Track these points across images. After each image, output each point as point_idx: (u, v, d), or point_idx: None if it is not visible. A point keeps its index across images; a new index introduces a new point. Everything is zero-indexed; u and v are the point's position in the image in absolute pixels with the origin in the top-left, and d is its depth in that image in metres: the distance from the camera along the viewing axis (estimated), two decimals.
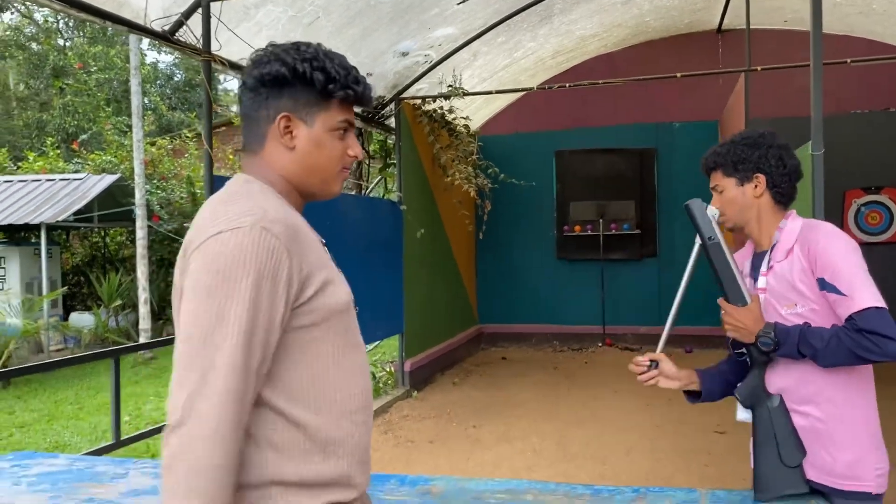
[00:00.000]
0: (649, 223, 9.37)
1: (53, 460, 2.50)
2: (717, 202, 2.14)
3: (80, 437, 6.62)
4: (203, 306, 1.19)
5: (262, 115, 1.38)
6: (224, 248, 1.20)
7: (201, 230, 1.26)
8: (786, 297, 1.98)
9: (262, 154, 1.39)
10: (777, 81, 7.83)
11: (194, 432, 1.14)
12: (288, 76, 1.35)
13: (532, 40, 7.93)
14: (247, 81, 1.38)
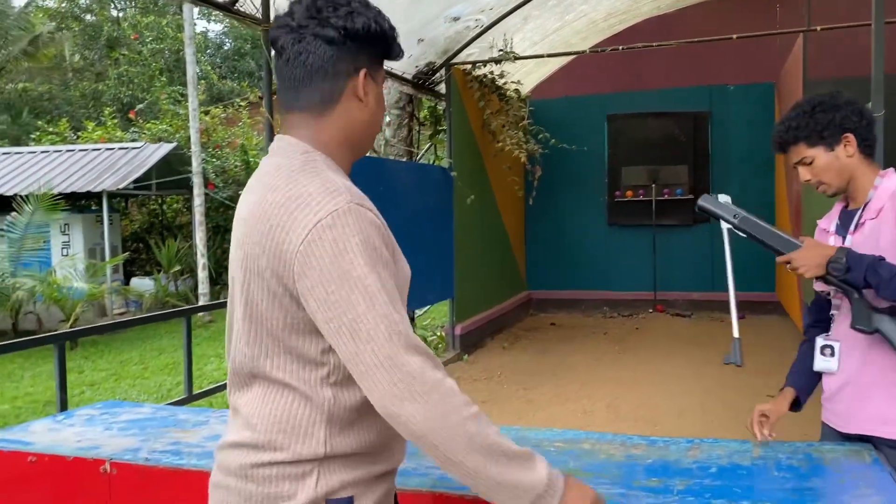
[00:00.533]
0: (703, 188, 9.27)
1: (139, 409, 2.68)
2: (807, 174, 2.11)
3: (146, 394, 6.93)
4: (350, 293, 1.17)
5: (341, 70, 1.30)
6: (335, 233, 1.19)
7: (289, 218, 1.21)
8: (875, 252, 1.99)
9: (333, 113, 1.32)
10: (837, 41, 7.61)
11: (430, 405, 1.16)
12: (377, 31, 1.30)
13: (584, 3, 7.84)
14: (326, 33, 1.27)
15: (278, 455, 1.26)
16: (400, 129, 7.65)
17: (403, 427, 1.17)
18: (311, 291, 1.20)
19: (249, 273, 1.27)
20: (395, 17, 4.43)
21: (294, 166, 1.27)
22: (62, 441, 2.30)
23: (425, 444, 1.18)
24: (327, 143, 1.33)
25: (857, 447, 2.03)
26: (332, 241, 1.18)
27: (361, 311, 1.17)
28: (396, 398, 1.16)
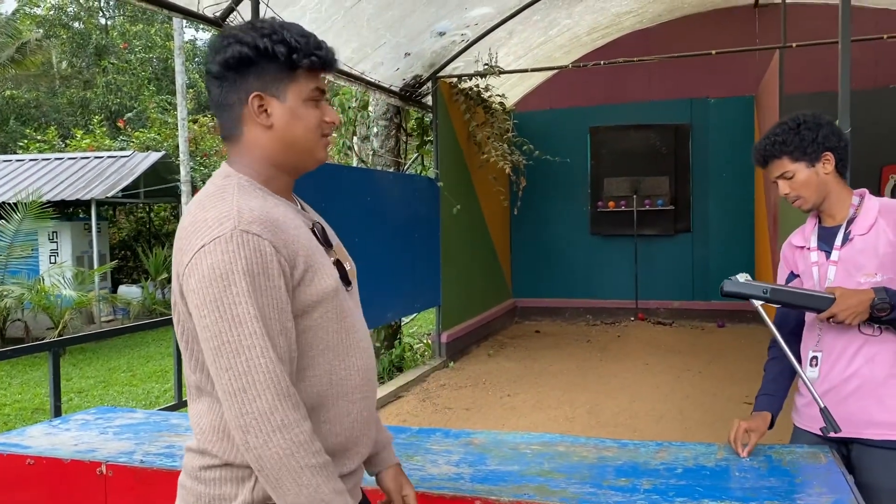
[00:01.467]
0: (683, 199, 9.45)
1: (133, 414, 2.78)
2: (787, 188, 2.21)
3: (134, 401, 6.99)
4: (218, 319, 1.22)
5: (233, 100, 1.36)
6: (213, 259, 1.23)
7: (186, 242, 1.29)
8: (866, 266, 2.13)
9: (242, 140, 1.38)
10: (814, 57, 7.81)
11: (260, 427, 1.22)
12: (251, 55, 1.33)
13: (567, 18, 8.01)
14: (211, 69, 1.36)
15: (216, 460, 1.34)
16: (387, 140, 7.77)
17: (246, 454, 1.25)
18: (192, 313, 1.27)
19: (174, 296, 1.35)
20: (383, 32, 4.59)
21: (209, 191, 1.35)
22: (59, 444, 2.39)
23: (261, 477, 1.26)
24: (249, 165, 1.38)
25: (814, 449, 2.16)
26: (208, 266, 1.23)
27: (225, 340, 1.22)
28: (241, 429, 1.23)
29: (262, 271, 1.24)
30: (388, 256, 6.41)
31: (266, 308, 1.24)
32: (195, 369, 1.36)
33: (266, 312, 1.24)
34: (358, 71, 6.27)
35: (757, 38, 8.99)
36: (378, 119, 7.76)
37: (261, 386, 1.22)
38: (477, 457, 2.18)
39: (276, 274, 1.26)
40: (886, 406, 2.11)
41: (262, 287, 1.24)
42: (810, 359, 2.25)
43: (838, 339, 2.18)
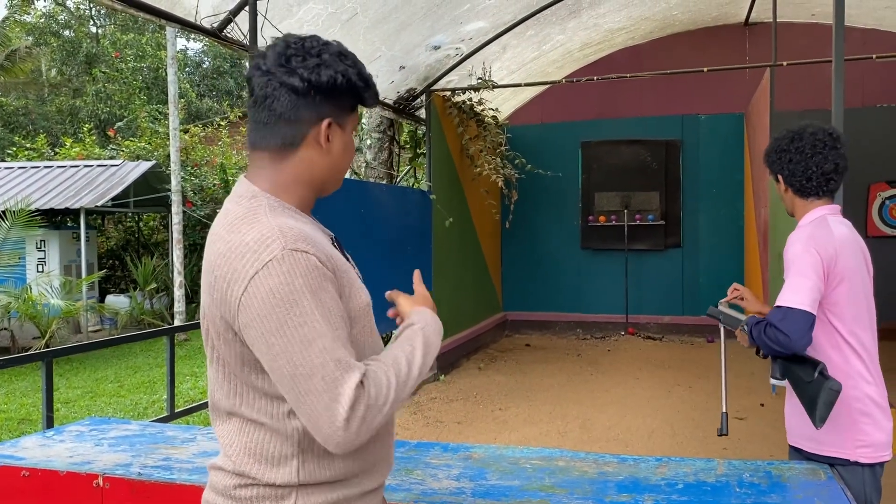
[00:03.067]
0: (674, 214, 9.50)
1: (127, 426, 2.76)
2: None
3: (122, 413, 6.92)
4: (288, 343, 1.22)
5: (304, 118, 1.35)
6: (271, 283, 1.22)
7: (231, 270, 1.27)
8: None
9: (294, 157, 1.38)
10: (803, 75, 7.91)
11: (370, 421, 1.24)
12: (343, 85, 1.34)
13: (560, 33, 8.07)
14: (292, 82, 1.32)
15: (254, 481, 1.34)
16: (381, 152, 7.78)
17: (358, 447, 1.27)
18: (255, 342, 1.26)
19: (208, 320, 1.35)
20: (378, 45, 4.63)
21: (238, 213, 1.33)
22: (54, 456, 2.37)
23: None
24: (285, 184, 1.38)
25: (813, 466, 2.18)
26: (268, 291, 1.23)
27: (299, 362, 1.22)
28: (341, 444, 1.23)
29: (320, 286, 1.25)
30: (380, 268, 6.39)
31: (331, 318, 1.25)
32: (229, 395, 1.36)
33: (332, 322, 1.25)
34: None
35: (747, 55, 9.09)
36: (371, 131, 7.78)
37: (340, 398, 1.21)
38: (477, 471, 2.18)
39: (332, 286, 1.28)
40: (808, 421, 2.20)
41: (324, 300, 1.25)
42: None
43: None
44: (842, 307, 2.16)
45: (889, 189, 8.77)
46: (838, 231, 2.20)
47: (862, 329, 2.19)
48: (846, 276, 2.15)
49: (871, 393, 2.18)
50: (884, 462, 2.18)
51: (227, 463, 1.37)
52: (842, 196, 4.17)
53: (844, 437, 2.16)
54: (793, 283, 2.10)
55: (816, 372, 2.08)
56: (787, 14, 8.18)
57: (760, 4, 8.20)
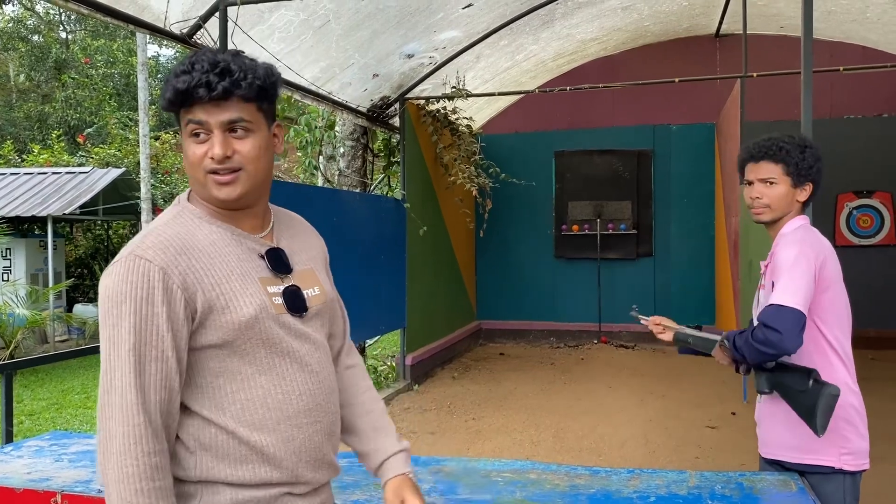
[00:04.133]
0: (645, 223, 9.56)
1: (89, 440, 2.68)
2: (761, 193, 2.26)
3: (89, 425, 6.78)
4: (104, 335, 1.32)
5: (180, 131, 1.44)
6: (108, 281, 1.32)
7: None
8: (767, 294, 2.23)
9: None
10: (773, 86, 8.02)
11: (106, 447, 1.27)
12: (179, 94, 1.34)
13: (534, 43, 8.10)
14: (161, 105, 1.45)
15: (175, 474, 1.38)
16: (354, 160, 7.73)
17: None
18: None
19: None
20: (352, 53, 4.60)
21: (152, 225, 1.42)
22: (11, 473, 2.29)
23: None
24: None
25: (784, 476, 2.18)
26: (104, 287, 1.33)
27: (105, 357, 1.31)
28: (98, 444, 1.30)
29: (145, 296, 1.29)
30: (354, 278, 6.35)
31: (144, 334, 1.29)
32: None
33: (143, 338, 1.29)
34: (325, 91, 6.25)
35: (718, 67, 9.20)
36: (345, 139, 7.73)
37: (115, 408, 1.27)
38: (448, 485, 2.15)
39: (161, 300, 1.29)
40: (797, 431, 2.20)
41: (143, 312, 1.29)
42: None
43: None
44: (828, 313, 2.17)
45: (856, 199, 8.91)
46: (823, 237, 2.25)
47: (844, 337, 2.21)
48: (832, 282, 2.17)
49: (854, 401, 2.20)
50: (864, 470, 2.20)
51: None
52: (811, 206, 4.22)
53: (829, 446, 2.16)
54: (786, 283, 2.09)
55: (811, 380, 2.07)
56: (757, 26, 8.29)
57: (731, 17, 8.31)
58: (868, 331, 8.65)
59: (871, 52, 8.62)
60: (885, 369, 7.77)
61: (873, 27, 7.99)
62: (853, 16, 7.77)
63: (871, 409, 5.65)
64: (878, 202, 8.86)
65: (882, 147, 8.80)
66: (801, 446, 2.18)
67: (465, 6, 6.25)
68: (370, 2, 5.40)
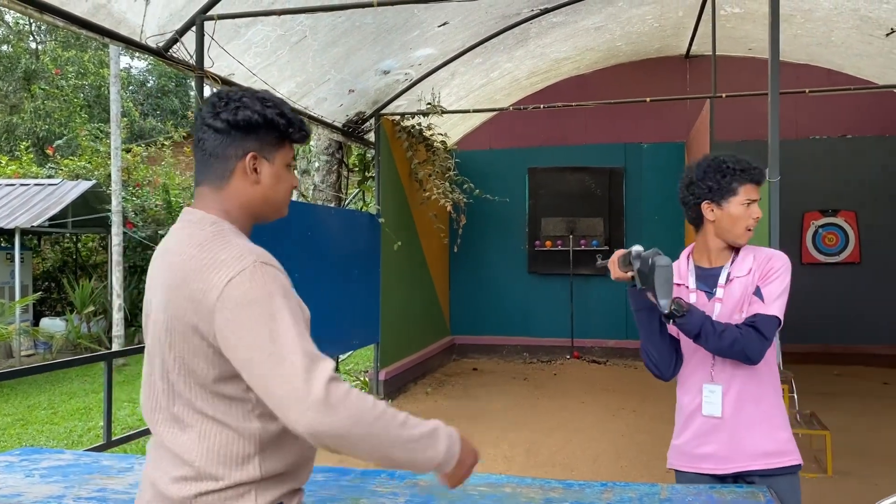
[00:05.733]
0: (617, 240, 9.68)
1: (60, 455, 2.65)
2: (758, 212, 2.31)
3: (55, 441, 6.66)
4: (258, 337, 1.37)
5: (230, 154, 1.55)
6: (246, 286, 1.40)
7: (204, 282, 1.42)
8: (741, 305, 2.28)
9: (227, 188, 1.56)
10: (741, 106, 8.20)
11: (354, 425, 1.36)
12: (260, 122, 1.54)
13: (508, 61, 8.20)
14: (215, 124, 1.54)
15: (220, 483, 1.47)
16: (329, 174, 7.75)
17: (327, 440, 1.35)
18: (230, 341, 1.40)
19: (174, 334, 1.48)
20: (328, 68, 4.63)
21: (206, 237, 1.50)
22: None
23: (346, 448, 1.37)
24: (228, 211, 1.57)
25: (752, 489, 2.22)
26: (241, 294, 1.40)
27: (271, 351, 1.37)
28: (315, 421, 1.33)
29: (286, 292, 1.45)
30: (328, 292, 6.34)
31: (298, 318, 1.43)
32: (175, 402, 1.50)
33: (298, 321, 1.43)
34: (301, 106, 6.26)
35: (688, 87, 9.39)
36: (320, 153, 7.74)
37: (314, 380, 1.35)
38: (423, 499, 2.16)
39: (293, 294, 1.48)
40: (774, 437, 2.26)
41: (292, 306, 1.43)
42: (708, 393, 2.32)
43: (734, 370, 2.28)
44: None
45: (822, 217, 9.11)
46: None
47: None
48: None
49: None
50: None
51: (188, 471, 1.47)
52: (778, 224, 4.33)
53: (794, 445, 2.28)
54: (782, 296, 2.21)
55: (650, 259, 2.16)
56: (726, 48, 8.49)
57: (700, 38, 8.49)
58: (833, 346, 8.84)
59: (836, 75, 8.86)
60: (850, 384, 7.92)
61: (837, 51, 8.22)
62: (818, 39, 7.99)
63: (837, 425, 5.79)
64: (842, 221, 9.07)
65: (846, 167, 9.03)
66: (778, 451, 2.25)
67: (441, 24, 6.32)
68: (347, 18, 5.44)
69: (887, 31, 7.04)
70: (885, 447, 5.65)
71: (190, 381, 1.48)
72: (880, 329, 8.86)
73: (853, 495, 4.62)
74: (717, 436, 2.30)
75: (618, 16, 7.73)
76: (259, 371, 1.37)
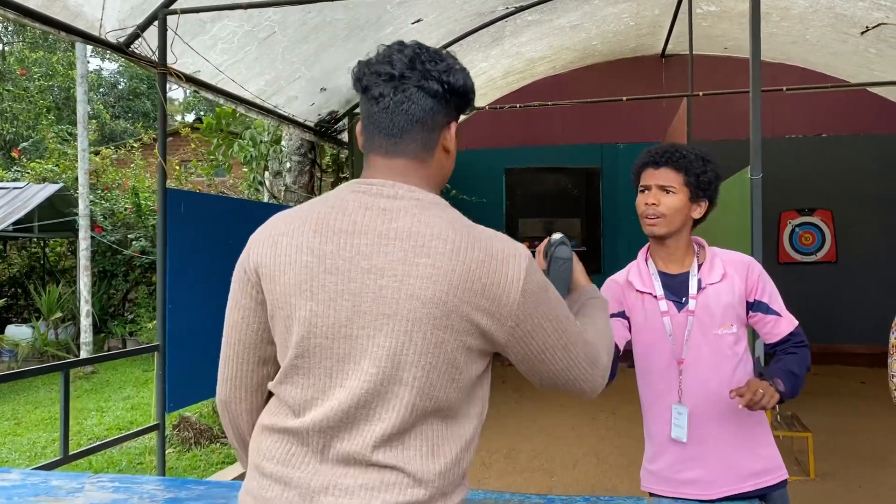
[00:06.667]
0: (594, 240, 9.61)
1: (5, 475, 2.47)
2: (658, 200, 2.10)
3: (18, 453, 6.43)
4: (557, 323, 1.36)
5: (438, 122, 1.35)
6: (537, 280, 1.33)
7: (499, 272, 1.28)
8: (723, 317, 2.10)
9: (431, 161, 1.37)
10: (718, 105, 8.15)
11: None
12: (468, 90, 1.38)
13: (483, 60, 8.08)
14: (430, 86, 1.32)
15: (447, 501, 1.29)
16: (301, 175, 7.56)
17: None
18: (532, 333, 1.32)
19: (443, 330, 1.25)
20: (298, 66, 4.43)
21: (452, 217, 1.31)
22: None
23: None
24: (432, 189, 1.37)
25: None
26: (537, 286, 1.32)
27: (568, 336, 1.38)
28: (600, 385, 1.48)
29: None
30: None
31: None
32: (445, 405, 1.31)
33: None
34: (271, 104, 6.09)
35: (663, 86, 9.33)
36: (291, 154, 7.56)
37: (597, 354, 1.45)
38: None
39: None
40: (761, 454, 2.13)
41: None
42: (675, 415, 2.13)
43: (706, 395, 2.10)
44: None
45: (798, 217, 9.11)
46: None
47: None
48: None
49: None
50: None
51: (422, 493, 1.26)
52: (761, 223, 4.24)
53: (780, 457, 2.17)
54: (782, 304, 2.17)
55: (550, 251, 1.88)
56: (702, 47, 8.43)
57: (676, 37, 8.44)
58: (811, 346, 8.82)
59: (811, 74, 8.85)
60: (829, 385, 7.90)
61: (812, 49, 8.20)
62: (793, 38, 7.97)
63: (818, 426, 5.73)
64: (819, 220, 9.07)
65: (822, 166, 9.03)
66: (765, 469, 2.12)
67: (415, 21, 6.18)
68: (317, 14, 5.28)
69: (862, 28, 7.03)
70: (866, 447, 5.61)
71: (446, 387, 1.30)
72: (857, 328, 8.86)
73: (837, 498, 4.56)
74: (702, 461, 2.11)
75: (593, 14, 7.64)
76: (559, 356, 1.40)
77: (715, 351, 2.10)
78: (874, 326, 8.87)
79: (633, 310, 2.20)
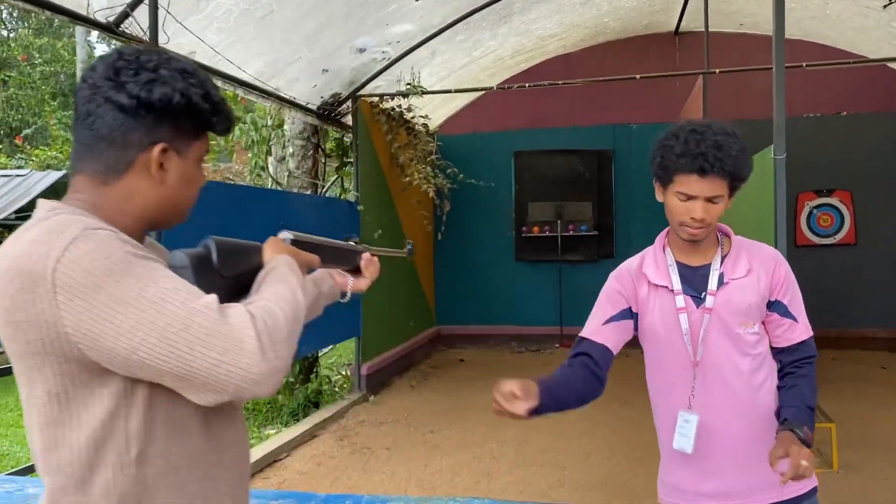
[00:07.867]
0: (606, 224, 9.39)
1: None
2: (707, 214, 1.82)
3: (20, 445, 6.33)
4: (138, 311, 1.07)
5: (132, 141, 1.17)
6: (83, 264, 1.07)
7: (22, 274, 1.07)
8: (746, 316, 1.90)
9: (118, 184, 1.18)
10: (734, 84, 7.89)
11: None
12: (181, 104, 1.17)
13: (491, 39, 7.86)
14: (118, 99, 1.15)
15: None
16: (304, 160, 7.38)
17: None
18: (94, 333, 1.10)
19: (20, 358, 1.16)
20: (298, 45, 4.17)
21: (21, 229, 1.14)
22: None
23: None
24: (109, 215, 1.17)
25: None
26: (83, 273, 1.08)
27: (163, 324, 1.11)
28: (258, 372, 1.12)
29: (143, 255, 1.17)
30: None
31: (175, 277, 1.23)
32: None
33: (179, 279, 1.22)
34: (272, 87, 5.90)
35: (677, 65, 9.06)
36: (294, 139, 7.38)
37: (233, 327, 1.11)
38: None
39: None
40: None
41: (157, 265, 1.18)
42: (681, 423, 1.94)
43: (719, 394, 1.91)
44: None
45: (816, 198, 8.85)
46: None
47: None
48: None
49: None
50: None
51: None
52: (785, 205, 4.03)
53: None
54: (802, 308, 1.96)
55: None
56: (717, 24, 8.16)
57: (690, 14, 8.17)
58: (829, 331, 8.59)
59: (829, 50, 8.55)
60: (846, 370, 7.70)
61: (833, 24, 7.92)
62: (813, 12, 7.69)
63: (836, 413, 5.50)
64: (837, 201, 8.81)
65: (841, 145, 8.75)
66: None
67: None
68: None
69: (885, 2, 6.75)
70: (888, 437, 5.41)
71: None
72: (876, 312, 8.63)
73: (862, 491, 4.37)
74: (718, 472, 1.92)
75: None
76: (159, 353, 1.14)
77: (735, 352, 1.91)
78: (895, 309, 8.65)
79: (645, 304, 2.00)
